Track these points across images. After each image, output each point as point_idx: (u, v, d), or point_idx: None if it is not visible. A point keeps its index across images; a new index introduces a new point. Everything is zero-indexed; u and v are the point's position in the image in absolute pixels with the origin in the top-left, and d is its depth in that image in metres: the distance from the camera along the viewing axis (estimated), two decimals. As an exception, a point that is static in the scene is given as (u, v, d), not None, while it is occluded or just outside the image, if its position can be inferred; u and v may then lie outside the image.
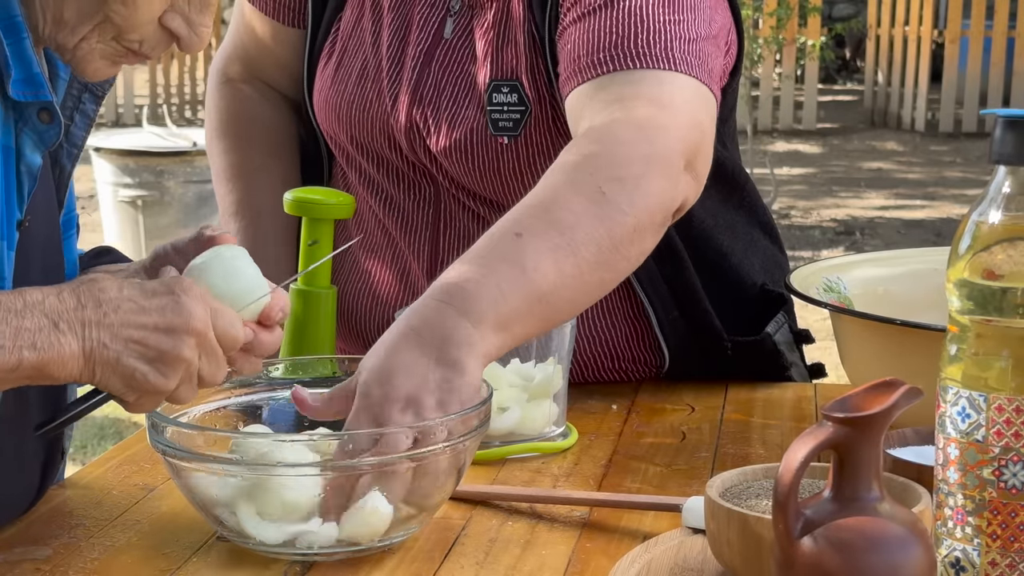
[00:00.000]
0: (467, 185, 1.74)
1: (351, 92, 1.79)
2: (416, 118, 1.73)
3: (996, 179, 1.09)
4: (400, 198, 1.81)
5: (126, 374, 1.23)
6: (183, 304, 1.23)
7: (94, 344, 1.21)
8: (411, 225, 1.81)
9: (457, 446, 1.30)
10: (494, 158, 1.68)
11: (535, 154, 1.67)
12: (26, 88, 1.30)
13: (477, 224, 1.76)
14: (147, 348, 1.22)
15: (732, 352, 1.82)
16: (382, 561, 1.30)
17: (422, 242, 1.80)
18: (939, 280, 1.17)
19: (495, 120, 1.66)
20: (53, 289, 1.22)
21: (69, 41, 1.29)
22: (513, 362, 1.58)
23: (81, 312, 1.21)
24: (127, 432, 4.69)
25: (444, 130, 1.70)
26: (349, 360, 1.51)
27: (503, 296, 1.35)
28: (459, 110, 1.70)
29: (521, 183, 1.68)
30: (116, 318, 1.21)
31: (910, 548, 1.01)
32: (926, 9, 12.13)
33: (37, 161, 1.33)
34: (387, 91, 1.76)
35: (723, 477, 1.22)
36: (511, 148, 1.67)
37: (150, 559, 1.31)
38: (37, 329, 1.19)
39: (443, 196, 1.78)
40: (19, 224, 1.33)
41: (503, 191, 1.71)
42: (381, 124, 1.77)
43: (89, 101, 1.42)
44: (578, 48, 1.57)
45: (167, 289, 1.24)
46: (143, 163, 6.55)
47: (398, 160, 1.79)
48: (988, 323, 1.08)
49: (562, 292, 1.40)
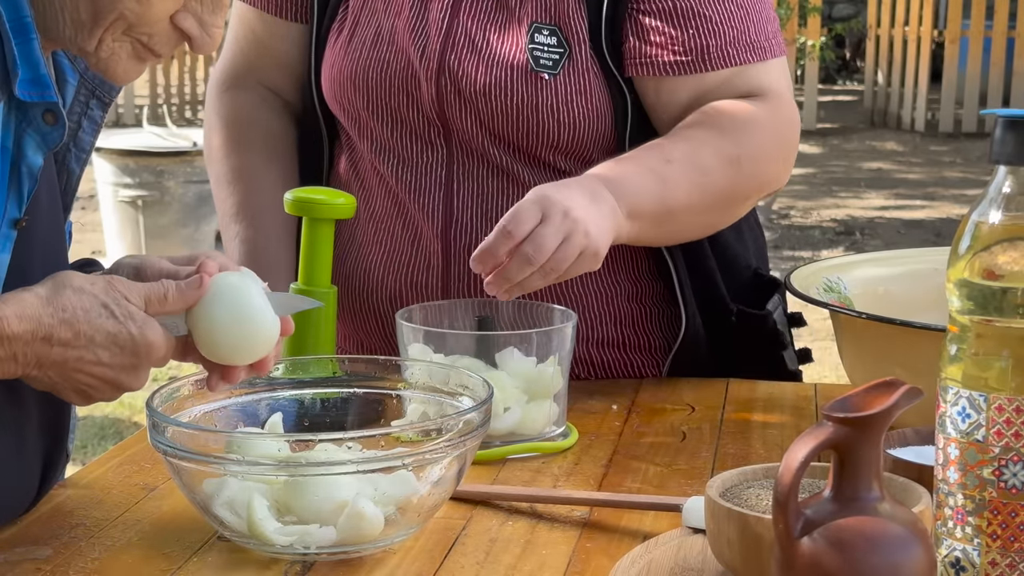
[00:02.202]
0: (497, 128, 1.78)
1: (367, 57, 1.83)
2: (451, 63, 1.78)
3: (996, 179, 1.10)
4: (413, 160, 1.84)
5: (57, 393, 1.31)
6: (139, 372, 1.30)
7: (40, 375, 1.28)
8: (424, 187, 1.83)
9: (458, 446, 1.30)
10: (534, 94, 1.76)
11: (573, 92, 1.77)
12: (32, 88, 1.31)
13: (493, 178, 1.81)
14: (89, 390, 1.30)
15: (737, 324, 1.87)
16: (382, 561, 1.30)
17: (435, 203, 1.82)
18: (939, 280, 1.17)
19: (536, 57, 1.76)
20: (32, 322, 1.24)
21: (89, 44, 1.30)
22: (514, 361, 1.58)
23: (47, 352, 1.26)
24: (127, 432, 4.69)
25: (482, 70, 1.77)
26: (350, 360, 1.51)
27: (644, 193, 1.67)
28: (497, 50, 1.78)
29: (556, 120, 1.77)
30: (75, 365, 1.27)
31: (910, 548, 1.01)
32: (926, 9, 12.13)
33: (38, 162, 1.33)
34: (412, 46, 1.80)
35: (723, 477, 1.22)
36: (550, 85, 1.76)
37: (150, 559, 1.31)
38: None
39: (456, 155, 1.82)
40: (16, 223, 1.33)
41: (536, 129, 1.77)
42: (400, 81, 1.81)
43: (96, 107, 1.42)
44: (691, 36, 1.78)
45: (134, 350, 1.28)
46: (143, 163, 6.55)
47: (414, 117, 1.82)
48: (988, 323, 1.08)
49: (683, 215, 1.73)
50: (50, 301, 1.25)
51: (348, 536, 1.28)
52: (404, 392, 1.49)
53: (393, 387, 1.50)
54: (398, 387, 1.50)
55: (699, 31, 1.77)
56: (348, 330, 1.90)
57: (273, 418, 1.42)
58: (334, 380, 1.50)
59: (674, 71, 1.78)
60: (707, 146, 1.74)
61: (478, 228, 1.80)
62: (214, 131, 1.99)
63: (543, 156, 1.80)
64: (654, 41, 1.77)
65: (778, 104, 1.81)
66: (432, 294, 1.82)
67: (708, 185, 1.73)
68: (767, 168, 1.80)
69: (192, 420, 1.39)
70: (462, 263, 1.80)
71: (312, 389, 1.49)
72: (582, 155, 1.80)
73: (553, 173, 1.79)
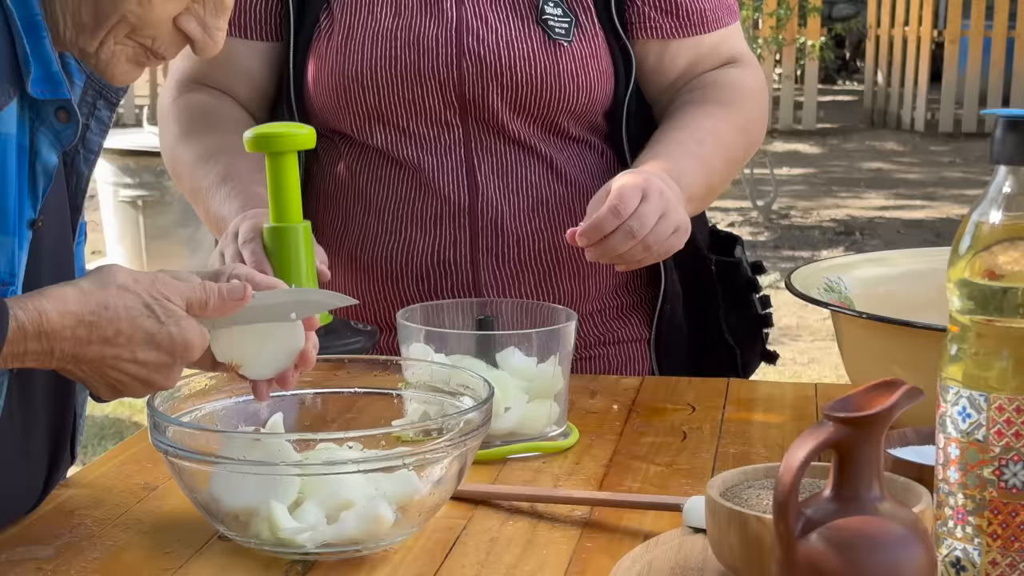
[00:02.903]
0: (521, 99, 1.87)
1: (372, 56, 1.86)
2: (471, 45, 1.86)
3: (996, 179, 1.10)
4: (431, 143, 1.89)
5: (86, 384, 1.30)
6: (173, 371, 1.29)
7: (75, 368, 1.27)
8: (446, 167, 1.89)
9: (458, 445, 1.30)
10: (554, 62, 1.88)
11: (587, 56, 1.89)
12: (45, 86, 1.30)
13: (511, 151, 1.89)
14: (120, 386, 1.29)
15: (716, 272, 2.00)
16: (383, 561, 1.30)
17: (459, 180, 1.88)
18: (939, 280, 1.17)
19: (552, 27, 1.88)
20: (73, 317, 1.24)
21: (90, 45, 1.30)
22: (515, 361, 1.58)
23: (84, 348, 1.25)
24: (128, 432, 4.69)
25: (503, 45, 1.87)
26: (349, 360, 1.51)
27: (694, 178, 1.83)
28: (512, 26, 1.88)
29: (575, 84, 1.89)
30: (111, 362, 1.26)
31: (911, 548, 1.02)
32: (926, 9, 12.13)
33: (53, 160, 1.33)
34: (423, 37, 1.86)
35: (724, 477, 1.22)
36: (567, 51, 1.88)
37: (151, 558, 1.31)
38: (34, 352, 1.24)
39: (473, 132, 1.89)
40: (32, 224, 1.33)
41: (558, 95, 1.88)
42: (414, 72, 1.86)
43: (104, 107, 1.42)
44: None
45: (171, 349, 1.28)
46: (143, 163, 6.54)
47: (431, 103, 1.87)
48: (989, 323, 1.08)
49: (716, 186, 1.92)
50: (93, 297, 1.25)
51: (354, 534, 1.28)
52: (405, 392, 1.49)
53: (393, 387, 1.50)
54: (399, 387, 1.50)
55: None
56: (380, 320, 1.91)
57: (274, 418, 1.42)
58: (335, 379, 1.50)
59: (678, 34, 1.95)
60: (724, 121, 1.91)
61: (501, 199, 1.88)
62: (173, 124, 1.96)
63: (560, 122, 1.90)
64: (658, 6, 1.93)
65: (754, 68, 2.01)
66: (460, 268, 1.87)
67: (731, 157, 1.92)
68: (762, 129, 2.01)
69: (193, 420, 1.39)
70: (488, 234, 1.88)
71: (312, 389, 1.49)
72: (590, 119, 1.92)
73: (566, 141, 1.92)
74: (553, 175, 1.91)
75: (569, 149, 1.92)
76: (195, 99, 1.96)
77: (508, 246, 1.87)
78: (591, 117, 1.92)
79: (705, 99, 1.93)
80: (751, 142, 1.97)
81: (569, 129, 1.91)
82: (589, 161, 1.94)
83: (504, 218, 1.88)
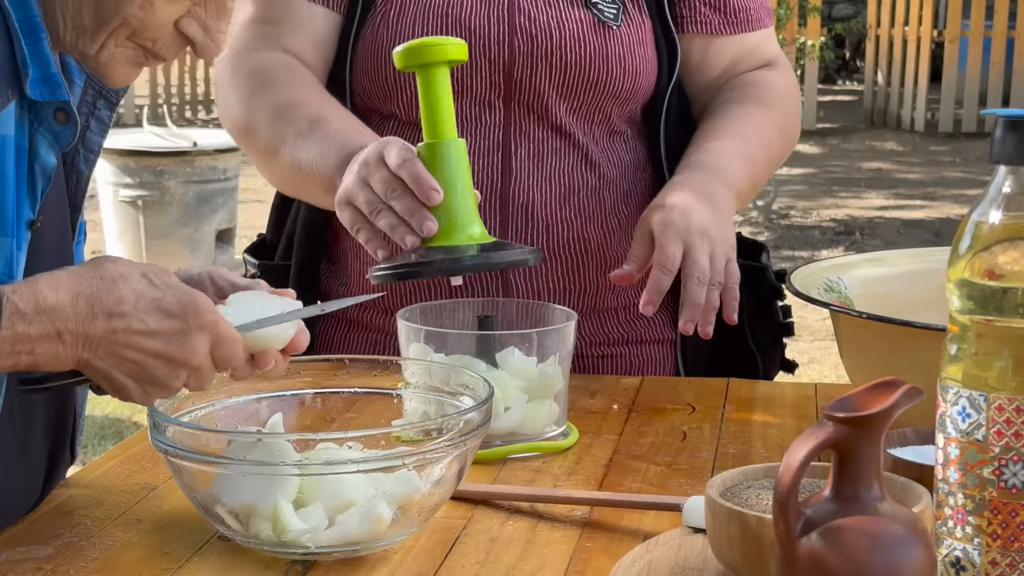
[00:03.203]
0: (568, 81, 1.88)
1: (420, 33, 1.85)
2: (523, 24, 1.88)
3: (996, 179, 1.10)
4: (472, 123, 1.89)
5: (113, 384, 1.25)
6: (189, 337, 1.24)
7: (91, 356, 1.22)
8: (482, 149, 1.89)
9: (458, 445, 1.30)
10: (604, 44, 1.90)
11: (634, 42, 1.92)
12: (43, 88, 1.30)
13: (549, 138, 1.90)
14: (142, 370, 1.24)
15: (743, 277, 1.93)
16: (382, 561, 1.30)
17: (494, 163, 1.89)
18: (939, 280, 1.17)
19: (601, 10, 1.91)
20: (70, 291, 1.21)
21: (90, 48, 1.30)
22: (515, 361, 1.58)
23: (90, 323, 1.21)
24: (127, 432, 4.69)
25: (554, 26, 1.89)
26: (350, 360, 1.51)
27: (742, 176, 1.88)
28: (562, 9, 1.90)
29: (622, 68, 1.91)
30: (122, 337, 1.22)
31: (910, 547, 1.02)
32: (926, 9, 12.13)
33: (52, 161, 1.33)
34: (475, 17, 1.87)
35: (724, 476, 1.22)
36: (616, 35, 1.91)
37: (151, 558, 1.31)
38: (39, 336, 1.20)
39: (513, 115, 1.90)
40: (31, 224, 1.33)
41: (605, 78, 1.90)
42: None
43: (104, 107, 1.42)
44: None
45: (181, 312, 1.24)
46: (143, 163, 6.55)
47: (476, 83, 1.88)
48: (988, 323, 1.08)
49: (759, 183, 1.97)
50: (85, 271, 1.22)
51: (353, 534, 1.28)
52: (404, 392, 1.49)
53: (393, 387, 1.50)
54: (398, 387, 1.50)
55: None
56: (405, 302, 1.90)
57: (274, 418, 1.42)
58: (335, 379, 1.50)
59: (725, 31, 2.00)
60: (765, 122, 1.97)
61: (534, 185, 1.89)
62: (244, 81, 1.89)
63: (602, 107, 1.92)
64: (709, 2, 1.98)
65: (787, 71, 2.08)
66: None
67: (772, 155, 1.98)
68: (797, 130, 2.07)
69: (193, 420, 1.39)
70: (518, 220, 1.88)
71: (312, 389, 1.49)
72: (631, 109, 1.95)
73: (603, 131, 1.93)
74: (586, 165, 1.91)
75: (605, 140, 1.94)
76: (265, 57, 1.91)
77: (537, 233, 1.88)
78: (632, 107, 1.95)
79: (745, 98, 1.98)
80: (788, 141, 2.03)
81: (610, 117, 1.93)
82: (623, 155, 1.95)
83: (535, 205, 1.88)
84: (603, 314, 1.95)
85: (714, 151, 1.88)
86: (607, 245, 1.90)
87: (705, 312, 1.72)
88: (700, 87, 2.02)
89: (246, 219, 8.07)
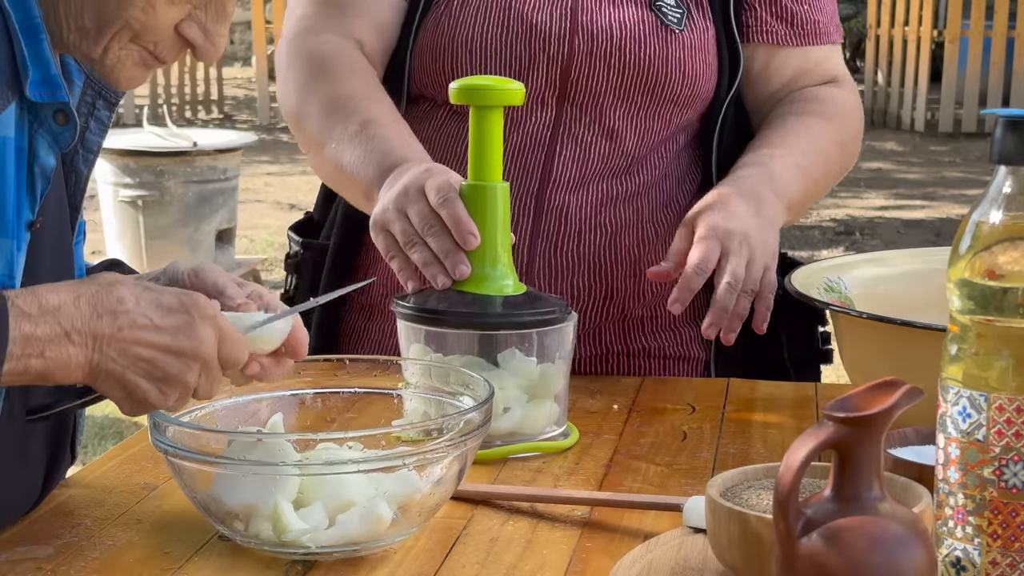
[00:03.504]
0: (626, 82, 1.87)
1: (484, 23, 1.86)
2: (584, 22, 1.87)
3: (996, 179, 1.10)
4: (522, 120, 1.88)
5: (128, 388, 1.25)
6: (195, 328, 1.25)
7: (101, 358, 1.22)
8: (526, 147, 1.88)
9: (459, 445, 1.30)
10: (663, 47, 1.88)
11: (696, 48, 1.90)
12: (43, 89, 1.30)
13: (596, 142, 1.88)
14: (154, 368, 1.24)
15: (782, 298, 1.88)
16: (382, 561, 1.30)
17: (536, 162, 1.87)
18: (939, 280, 1.17)
19: (664, 13, 1.89)
20: (70, 293, 1.22)
21: (94, 51, 1.30)
22: (515, 361, 1.58)
23: (96, 323, 1.21)
24: (127, 432, 4.69)
25: (616, 26, 1.87)
26: (350, 360, 1.51)
27: (795, 187, 1.86)
28: (625, 9, 1.89)
29: (681, 72, 1.89)
30: (129, 334, 1.23)
31: (911, 548, 1.02)
32: (926, 9, 12.13)
33: (51, 163, 1.33)
34: (537, 11, 1.86)
35: (724, 476, 1.22)
36: (678, 39, 1.89)
37: (151, 558, 1.31)
38: (48, 338, 1.20)
39: (565, 116, 1.88)
40: (30, 225, 1.33)
41: (663, 81, 1.89)
42: (524, 43, 1.86)
43: (103, 107, 1.42)
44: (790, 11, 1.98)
45: (183, 307, 1.25)
46: (143, 163, 6.54)
47: (533, 78, 1.86)
48: (989, 323, 1.08)
49: (813, 197, 1.95)
50: (82, 280, 1.24)
51: (353, 534, 1.28)
52: (404, 392, 1.49)
53: (393, 387, 1.50)
54: (398, 387, 1.50)
55: (812, 8, 1.99)
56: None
57: (274, 418, 1.42)
58: (335, 379, 1.50)
59: (790, 42, 1.98)
60: (824, 136, 1.95)
61: (571, 189, 1.87)
62: (298, 68, 1.87)
63: (657, 111, 1.90)
64: (775, 12, 1.97)
65: (852, 90, 2.05)
66: (517, 250, 1.80)
67: (830, 171, 1.96)
68: (857, 147, 2.05)
69: (193, 420, 1.39)
70: (551, 221, 1.86)
71: (312, 389, 1.49)
72: (687, 115, 1.93)
73: (655, 135, 1.90)
74: (629, 172, 1.89)
75: (656, 146, 1.91)
76: (326, 43, 1.88)
77: (568, 236, 1.86)
78: (690, 114, 1.93)
79: (805, 111, 1.95)
80: (847, 158, 2.00)
81: (666, 123, 1.91)
82: (671, 162, 1.92)
83: (570, 208, 1.87)
84: (630, 323, 1.93)
85: (768, 157, 1.86)
86: (640, 253, 1.87)
87: (731, 318, 1.71)
88: (761, 99, 1.99)
89: (246, 219, 8.08)
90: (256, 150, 10.20)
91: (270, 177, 10.00)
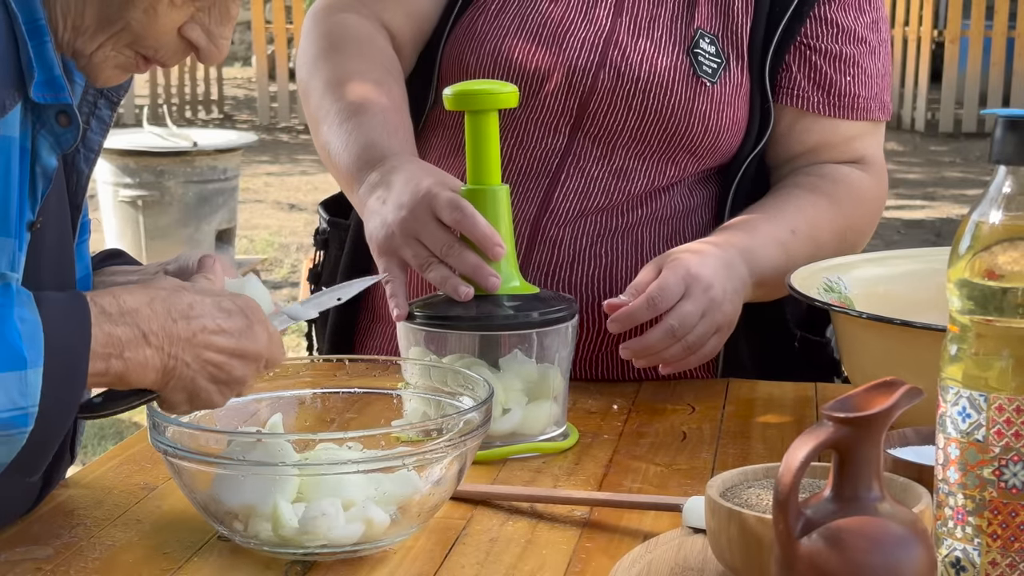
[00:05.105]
0: (645, 126, 1.81)
1: (516, 36, 1.82)
2: (614, 57, 1.81)
3: (996, 179, 1.10)
4: (531, 143, 1.84)
5: (194, 392, 1.28)
6: (255, 331, 1.28)
7: (176, 363, 1.25)
8: (531, 172, 1.84)
9: (458, 445, 1.30)
10: (691, 97, 1.82)
11: (725, 103, 1.83)
12: (47, 90, 1.30)
13: (602, 178, 1.82)
14: (220, 371, 1.27)
15: (799, 347, 1.90)
16: (382, 561, 1.30)
17: (537, 189, 1.83)
18: (939, 280, 1.17)
19: (700, 63, 1.82)
20: (144, 295, 1.24)
21: (87, 48, 1.30)
22: (515, 362, 1.58)
23: (172, 326, 1.24)
24: (127, 432, 4.69)
25: (646, 67, 1.81)
26: (350, 360, 1.51)
27: (770, 264, 1.76)
28: (661, 50, 1.83)
29: (704, 126, 1.83)
30: (202, 339, 1.26)
31: (910, 548, 1.02)
32: (926, 9, 12.13)
33: (53, 163, 1.33)
34: (570, 36, 1.81)
35: (723, 477, 1.22)
36: (708, 92, 1.82)
37: (151, 558, 1.31)
38: (128, 340, 1.22)
39: (576, 147, 1.83)
40: (30, 225, 1.33)
41: (684, 132, 1.82)
42: (550, 65, 1.81)
43: (104, 106, 1.42)
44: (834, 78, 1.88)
45: (239, 310, 1.28)
46: (143, 163, 6.54)
47: (551, 103, 1.82)
48: (989, 323, 1.08)
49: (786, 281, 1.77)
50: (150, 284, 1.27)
51: (356, 535, 1.28)
52: (404, 392, 1.49)
53: (393, 387, 1.50)
54: (398, 387, 1.50)
55: (854, 80, 1.88)
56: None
57: (273, 418, 1.42)
58: (335, 379, 1.50)
59: (822, 111, 1.88)
60: (823, 218, 1.85)
61: (568, 221, 1.82)
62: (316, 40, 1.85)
63: (676, 159, 1.83)
64: (813, 77, 1.88)
65: (880, 178, 1.94)
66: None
67: (818, 256, 1.81)
68: (863, 239, 1.93)
69: (193, 420, 1.38)
70: (544, 252, 1.82)
71: (312, 389, 1.49)
72: (704, 166, 1.86)
73: (668, 180, 1.84)
74: (631, 207, 1.84)
75: (665, 187, 1.85)
76: (348, 21, 1.86)
77: (561, 267, 1.82)
78: (706, 164, 1.86)
79: (816, 188, 1.87)
80: (846, 247, 1.87)
81: (680, 167, 1.85)
82: (678, 201, 1.87)
83: (564, 240, 1.82)
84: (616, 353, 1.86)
85: (752, 229, 1.79)
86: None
87: (652, 358, 1.67)
88: (780, 159, 1.92)
89: (246, 219, 8.08)
90: (256, 150, 10.20)
91: (270, 177, 10.00)
